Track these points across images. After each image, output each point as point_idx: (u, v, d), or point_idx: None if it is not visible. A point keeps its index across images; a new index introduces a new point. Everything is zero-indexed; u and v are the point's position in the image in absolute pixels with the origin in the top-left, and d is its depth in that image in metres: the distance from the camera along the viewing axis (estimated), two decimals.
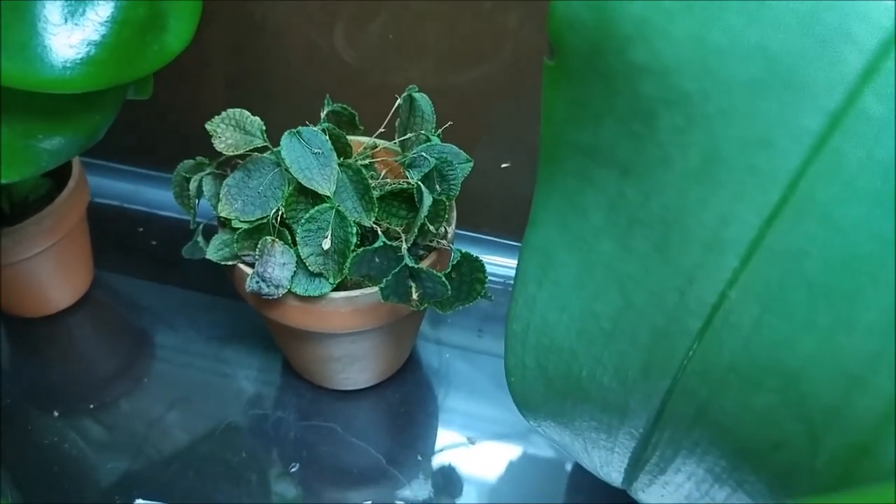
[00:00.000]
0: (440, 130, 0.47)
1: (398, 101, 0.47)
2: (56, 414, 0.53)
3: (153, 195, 0.66)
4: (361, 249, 0.42)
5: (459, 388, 0.55)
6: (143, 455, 0.50)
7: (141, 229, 0.65)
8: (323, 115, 0.48)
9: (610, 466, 0.39)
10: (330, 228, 0.43)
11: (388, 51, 0.56)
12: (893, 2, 0.21)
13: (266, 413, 0.53)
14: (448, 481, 0.50)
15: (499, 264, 0.61)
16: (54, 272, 0.56)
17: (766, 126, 0.24)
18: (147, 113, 0.63)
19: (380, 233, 0.43)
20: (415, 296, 0.43)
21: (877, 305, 0.24)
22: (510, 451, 0.52)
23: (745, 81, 0.24)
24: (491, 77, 0.55)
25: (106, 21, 0.34)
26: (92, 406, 0.53)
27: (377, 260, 0.43)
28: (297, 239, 0.43)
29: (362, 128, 0.51)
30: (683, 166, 0.27)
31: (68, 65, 0.34)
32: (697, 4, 0.24)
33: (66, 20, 0.34)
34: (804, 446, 0.28)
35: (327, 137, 0.44)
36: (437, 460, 0.51)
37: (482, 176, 0.57)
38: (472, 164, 0.46)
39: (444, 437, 0.52)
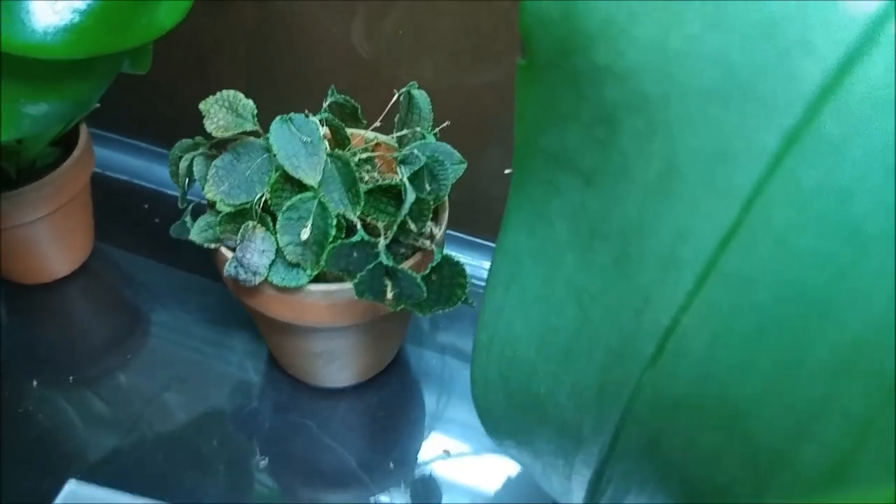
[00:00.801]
0: (437, 129, 0.46)
1: (396, 96, 0.46)
2: (35, 383, 0.52)
3: (162, 173, 0.66)
4: (339, 242, 0.41)
5: (445, 394, 0.54)
6: (114, 433, 0.50)
7: (146, 206, 0.65)
8: (325, 104, 0.47)
9: (569, 495, 0.37)
10: (311, 218, 0.42)
11: (402, 46, 0.55)
12: (857, 15, 0.19)
13: (244, 403, 0.52)
14: (421, 493, 0.48)
15: None
16: (53, 240, 0.56)
17: (726, 138, 0.22)
18: (163, 91, 0.63)
19: (359, 227, 0.41)
20: (389, 295, 0.41)
21: (827, 344, 0.22)
22: (490, 465, 0.50)
23: (705, 89, 0.22)
24: (504, 79, 0.54)
25: None
26: (72, 378, 0.53)
27: (355, 255, 0.42)
28: (276, 226, 0.42)
29: (365, 121, 0.50)
30: (643, 177, 0.25)
31: (50, 30, 0.34)
32: (659, 6, 0.22)
33: None
34: (750, 494, 0.26)
35: (319, 127, 0.43)
36: (411, 469, 0.49)
37: (486, 179, 0.56)
38: (465, 165, 0.45)
39: (422, 445, 0.51)
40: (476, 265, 0.60)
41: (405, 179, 0.41)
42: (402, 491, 0.48)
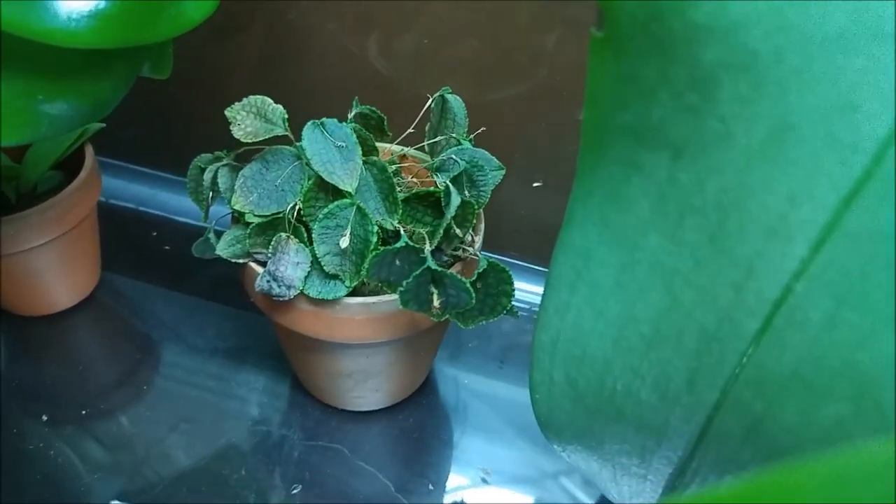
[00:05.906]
0: (472, 136, 0.45)
1: (429, 102, 0.45)
2: (45, 418, 0.49)
3: (171, 200, 0.64)
4: (382, 249, 0.39)
5: (476, 417, 0.51)
6: (133, 468, 0.47)
7: (155, 233, 0.62)
8: (350, 115, 0.46)
9: (641, 497, 0.35)
10: (349, 226, 0.40)
11: (421, 63, 0.54)
12: None
13: (270, 430, 0.49)
14: None
15: (525, 290, 0.58)
16: (57, 268, 0.53)
17: (850, 88, 0.21)
18: (170, 115, 0.61)
19: (402, 232, 0.40)
20: (436, 303, 0.39)
21: None
22: (530, 479, 0.48)
23: (827, 36, 0.21)
24: (524, 96, 0.53)
25: None
26: (84, 412, 0.50)
27: (398, 263, 0.40)
28: (313, 236, 0.40)
29: (390, 134, 0.48)
30: (747, 142, 0.24)
31: (74, 16, 0.32)
32: None
33: None
34: None
35: (353, 132, 0.41)
36: (450, 492, 0.47)
37: (511, 198, 0.55)
38: (504, 171, 0.43)
39: (459, 468, 0.49)
40: None
41: (448, 182, 0.40)
42: None
